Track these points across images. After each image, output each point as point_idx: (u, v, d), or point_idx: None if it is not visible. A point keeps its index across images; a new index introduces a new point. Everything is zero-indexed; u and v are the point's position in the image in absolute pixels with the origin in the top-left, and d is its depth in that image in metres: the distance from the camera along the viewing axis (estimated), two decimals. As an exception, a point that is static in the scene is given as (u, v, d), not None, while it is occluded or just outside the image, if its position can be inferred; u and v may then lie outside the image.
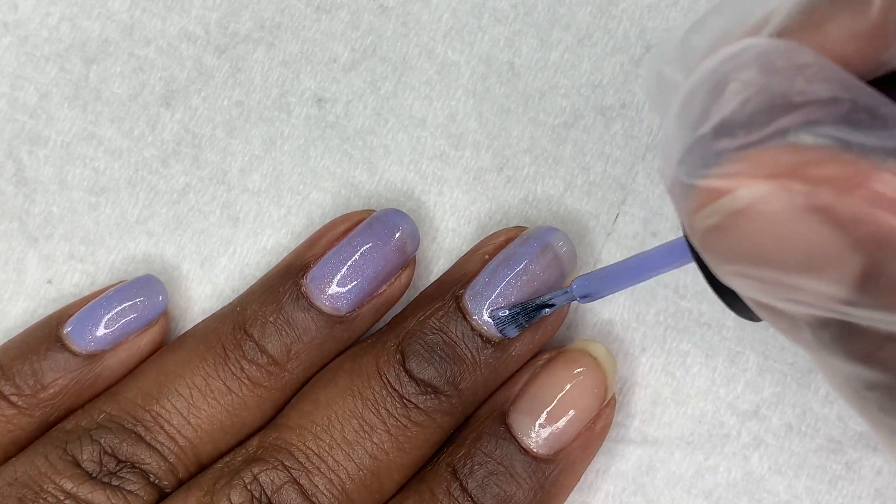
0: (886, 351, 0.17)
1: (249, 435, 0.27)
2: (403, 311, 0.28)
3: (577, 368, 0.27)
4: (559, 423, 0.26)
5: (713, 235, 0.17)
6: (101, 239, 0.30)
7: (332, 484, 0.26)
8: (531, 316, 0.27)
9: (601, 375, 0.27)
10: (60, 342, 0.27)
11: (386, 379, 0.27)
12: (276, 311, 0.27)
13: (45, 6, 0.30)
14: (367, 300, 0.27)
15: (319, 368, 0.28)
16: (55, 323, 0.28)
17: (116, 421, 0.26)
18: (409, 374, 0.27)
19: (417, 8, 0.30)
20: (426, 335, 0.27)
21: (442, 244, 0.30)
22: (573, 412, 0.26)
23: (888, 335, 0.17)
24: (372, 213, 0.28)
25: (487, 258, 0.28)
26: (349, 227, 0.28)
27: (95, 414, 0.27)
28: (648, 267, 0.24)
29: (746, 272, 0.17)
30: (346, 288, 0.27)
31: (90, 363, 0.27)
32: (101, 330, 0.27)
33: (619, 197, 0.30)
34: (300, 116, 0.30)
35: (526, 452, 0.26)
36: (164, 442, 0.26)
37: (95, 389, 0.28)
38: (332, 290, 0.27)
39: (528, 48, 0.30)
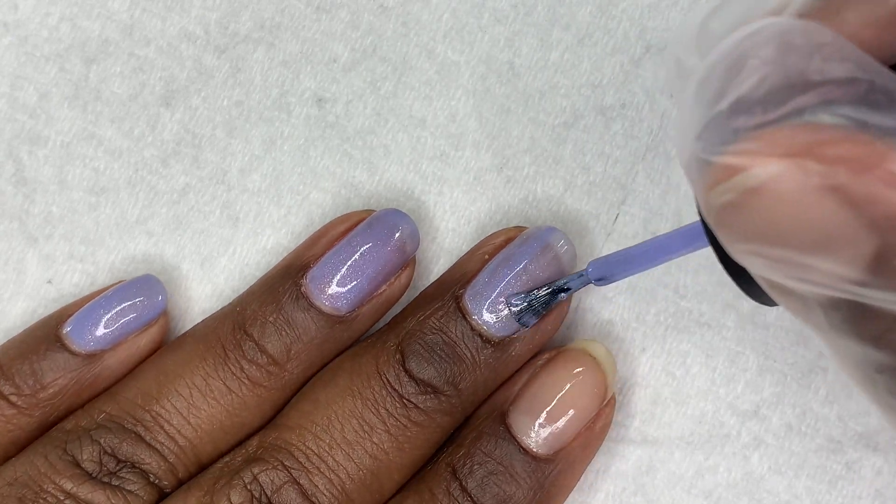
0: None
1: (249, 435, 0.27)
2: (403, 311, 0.28)
3: (576, 368, 0.27)
4: (559, 422, 0.26)
5: (728, 212, 0.17)
6: (101, 239, 0.30)
7: (331, 484, 0.26)
8: (547, 302, 0.27)
9: (601, 375, 0.27)
10: (60, 342, 0.27)
11: (386, 379, 0.27)
12: (275, 311, 0.27)
13: (45, 6, 0.30)
14: (366, 300, 0.27)
15: (319, 368, 0.28)
16: (55, 323, 0.28)
17: (116, 421, 0.26)
18: (408, 373, 0.27)
19: (417, 8, 0.30)
20: (426, 335, 0.27)
21: (442, 244, 0.30)
22: (573, 412, 0.26)
23: None
24: (372, 213, 0.28)
25: (487, 258, 0.28)
26: (349, 227, 0.28)
27: (95, 414, 0.27)
28: (664, 250, 0.24)
29: (760, 251, 0.17)
30: (345, 288, 0.27)
31: (90, 363, 0.27)
32: (100, 330, 0.27)
33: (619, 197, 0.30)
34: (300, 116, 0.30)
35: (525, 452, 0.26)
36: (163, 442, 0.26)
37: (95, 389, 0.28)
38: (331, 290, 0.27)
39: (528, 48, 0.30)
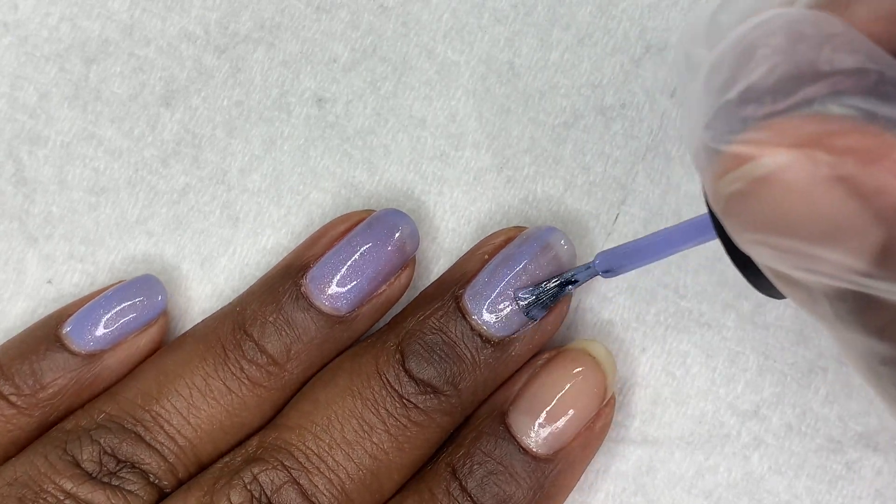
0: None
1: (249, 435, 0.27)
2: (403, 311, 0.28)
3: (576, 368, 0.27)
4: (559, 422, 0.26)
5: (736, 201, 0.17)
6: (101, 239, 0.30)
7: (331, 484, 0.26)
8: (556, 295, 0.27)
9: (601, 375, 0.27)
10: (60, 342, 0.27)
11: (385, 379, 0.27)
12: (275, 311, 0.27)
13: (45, 6, 0.30)
14: (366, 300, 0.27)
15: (319, 368, 0.28)
16: (55, 323, 0.28)
17: (116, 421, 0.26)
18: (408, 373, 0.27)
19: (417, 8, 0.30)
20: (426, 335, 0.27)
21: (442, 244, 0.30)
22: (573, 412, 0.26)
23: None
24: (372, 213, 0.28)
25: (487, 258, 0.28)
26: (349, 227, 0.28)
27: (95, 414, 0.27)
28: (671, 243, 0.24)
29: (767, 240, 0.17)
30: (345, 288, 0.27)
31: (89, 363, 0.27)
32: (100, 330, 0.27)
33: (619, 197, 0.30)
34: (300, 116, 0.30)
35: (525, 452, 0.26)
36: (163, 442, 0.26)
37: (95, 389, 0.28)
38: (331, 290, 0.27)
39: (528, 48, 0.30)
